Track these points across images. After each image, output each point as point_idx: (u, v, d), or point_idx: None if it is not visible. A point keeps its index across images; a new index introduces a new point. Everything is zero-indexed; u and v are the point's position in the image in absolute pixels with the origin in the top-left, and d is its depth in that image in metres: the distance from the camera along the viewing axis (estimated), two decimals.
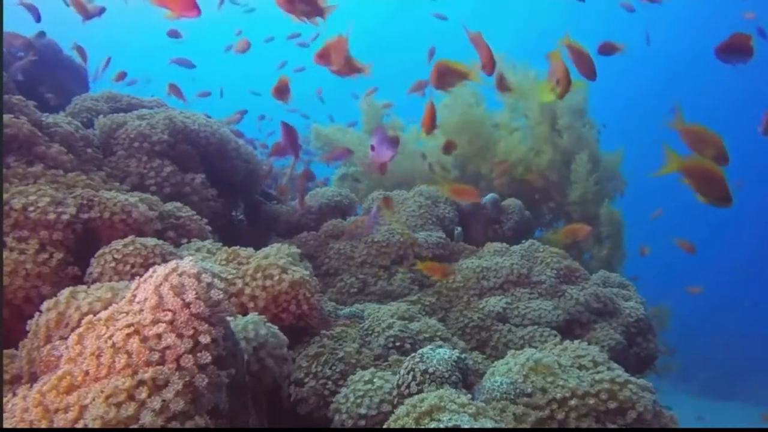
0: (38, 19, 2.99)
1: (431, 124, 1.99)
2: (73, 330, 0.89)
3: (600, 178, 3.65)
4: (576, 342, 1.44)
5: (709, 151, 1.51)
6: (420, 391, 1.15)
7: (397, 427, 1.01)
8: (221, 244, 1.72)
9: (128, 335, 0.80)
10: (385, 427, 1.05)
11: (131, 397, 0.76)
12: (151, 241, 1.47)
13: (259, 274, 1.43)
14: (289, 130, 1.89)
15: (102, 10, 2.82)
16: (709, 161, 1.47)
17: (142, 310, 0.84)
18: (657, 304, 4.08)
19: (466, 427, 0.94)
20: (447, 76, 1.84)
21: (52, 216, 1.45)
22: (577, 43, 1.75)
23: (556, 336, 1.75)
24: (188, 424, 0.77)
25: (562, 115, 3.67)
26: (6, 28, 2.64)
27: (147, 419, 0.74)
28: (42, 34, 2.92)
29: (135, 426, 0.75)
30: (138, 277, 0.91)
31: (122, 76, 3.86)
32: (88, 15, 2.82)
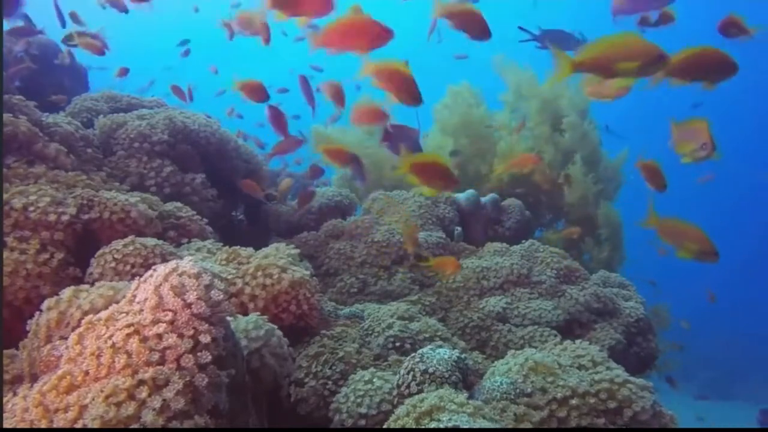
0: (63, 25, 3.02)
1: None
2: (73, 330, 0.90)
3: (600, 178, 3.65)
4: (576, 342, 1.44)
5: (693, 246, 1.51)
6: (420, 391, 1.15)
7: (397, 427, 1.01)
8: (221, 244, 1.72)
9: (128, 335, 0.81)
10: (385, 427, 1.05)
11: (131, 397, 0.76)
12: (151, 241, 1.48)
13: (259, 274, 1.43)
14: (276, 113, 1.88)
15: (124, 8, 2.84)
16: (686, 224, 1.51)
17: (142, 310, 0.84)
18: (655, 305, 4.08)
19: (465, 426, 0.94)
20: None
21: (52, 216, 1.45)
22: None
23: (556, 336, 1.75)
24: (188, 424, 0.77)
25: (568, 113, 3.67)
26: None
27: (148, 418, 0.75)
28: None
29: (135, 425, 0.75)
30: (138, 277, 0.92)
31: (124, 72, 3.85)
32: (101, 51, 2.88)
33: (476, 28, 1.62)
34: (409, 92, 1.42)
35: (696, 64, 1.39)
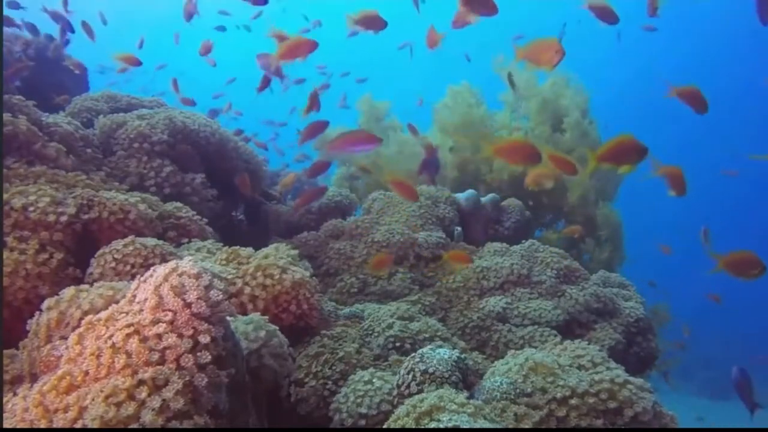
0: (71, 30, 3.05)
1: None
2: (73, 330, 0.89)
3: (601, 177, 3.65)
4: (576, 342, 1.44)
5: (753, 272, 1.78)
6: (420, 391, 1.15)
7: (397, 427, 1.01)
8: (221, 244, 1.72)
9: (128, 335, 0.81)
10: (385, 427, 1.05)
11: (131, 397, 0.76)
12: (151, 241, 1.47)
13: (259, 274, 1.43)
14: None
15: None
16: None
17: (141, 311, 0.84)
18: (655, 305, 4.09)
19: (465, 427, 0.94)
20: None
21: (52, 216, 1.45)
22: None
23: (556, 336, 1.75)
24: (188, 424, 0.77)
25: (569, 113, 3.66)
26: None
27: (147, 418, 0.75)
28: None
29: (135, 425, 0.75)
30: (138, 276, 0.91)
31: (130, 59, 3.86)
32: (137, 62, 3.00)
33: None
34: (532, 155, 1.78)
35: None
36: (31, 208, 1.44)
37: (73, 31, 3.06)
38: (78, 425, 0.75)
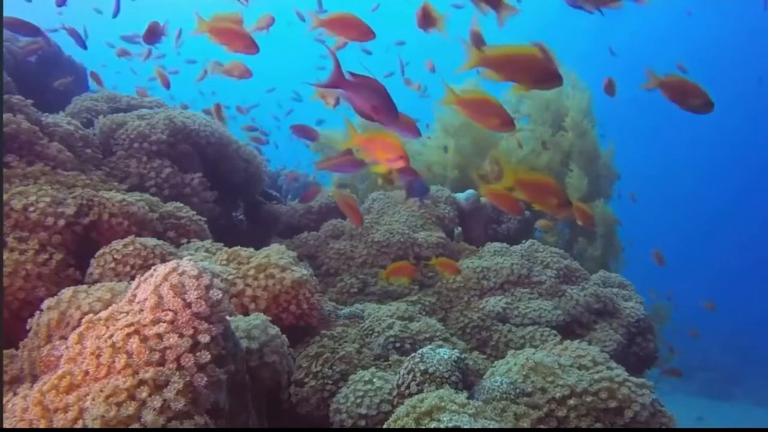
0: (84, 46, 3.05)
1: None
2: (73, 329, 0.89)
3: (598, 175, 3.65)
4: (576, 342, 1.44)
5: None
6: (420, 391, 1.15)
7: (397, 427, 1.01)
8: (221, 244, 1.72)
9: (128, 335, 0.81)
10: (385, 427, 1.05)
11: (132, 397, 0.76)
12: (151, 242, 1.47)
13: (260, 275, 1.43)
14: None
15: None
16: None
17: (141, 310, 0.84)
18: (653, 305, 4.09)
19: (466, 427, 0.94)
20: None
21: (51, 217, 1.45)
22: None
23: (556, 336, 1.75)
24: (188, 424, 0.77)
25: (569, 114, 3.66)
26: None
27: (149, 418, 0.75)
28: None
29: (135, 425, 0.75)
30: (138, 276, 0.91)
31: (125, 52, 3.83)
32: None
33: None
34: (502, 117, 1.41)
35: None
36: (31, 209, 1.44)
37: (85, 48, 3.06)
38: (78, 425, 0.75)
